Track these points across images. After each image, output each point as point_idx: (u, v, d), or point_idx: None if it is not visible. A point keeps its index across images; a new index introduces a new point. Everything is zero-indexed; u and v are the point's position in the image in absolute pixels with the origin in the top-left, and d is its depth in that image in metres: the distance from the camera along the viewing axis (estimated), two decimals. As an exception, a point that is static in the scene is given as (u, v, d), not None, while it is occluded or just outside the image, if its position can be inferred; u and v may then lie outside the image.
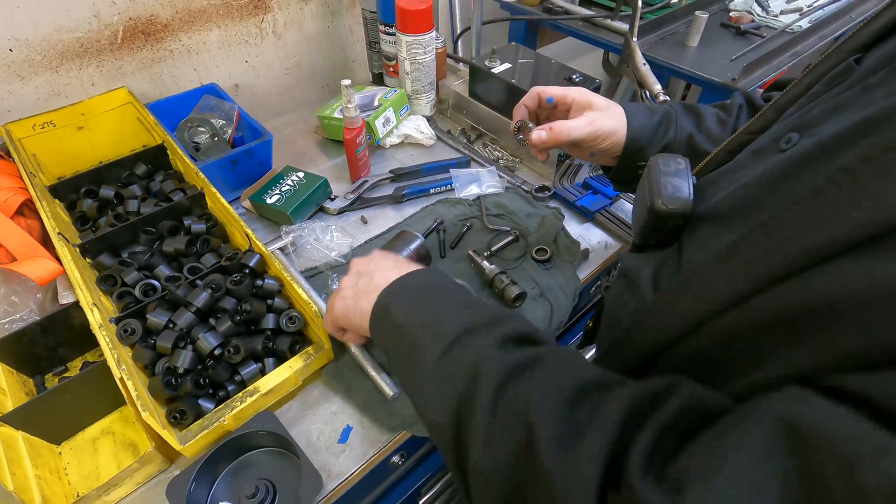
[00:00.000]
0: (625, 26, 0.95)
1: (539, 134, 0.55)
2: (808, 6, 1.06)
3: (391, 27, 0.91)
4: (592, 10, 1.07)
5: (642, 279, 0.41)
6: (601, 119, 0.55)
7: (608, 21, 1.02)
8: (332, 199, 0.80)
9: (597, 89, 0.84)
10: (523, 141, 0.59)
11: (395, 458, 0.59)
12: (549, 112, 0.61)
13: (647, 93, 0.86)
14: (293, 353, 0.56)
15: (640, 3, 0.88)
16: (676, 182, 0.39)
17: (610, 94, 1.43)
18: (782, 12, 1.04)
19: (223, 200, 0.66)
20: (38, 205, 0.64)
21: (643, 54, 0.90)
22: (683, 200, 0.38)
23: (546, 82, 0.84)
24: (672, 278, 0.38)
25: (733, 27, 1.03)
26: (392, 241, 0.68)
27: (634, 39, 0.89)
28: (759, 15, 1.04)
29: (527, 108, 0.60)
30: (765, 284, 0.26)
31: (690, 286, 0.32)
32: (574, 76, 0.84)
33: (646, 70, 0.86)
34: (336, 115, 0.89)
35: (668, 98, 0.82)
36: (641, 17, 1.02)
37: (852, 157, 0.24)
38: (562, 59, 1.50)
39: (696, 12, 0.97)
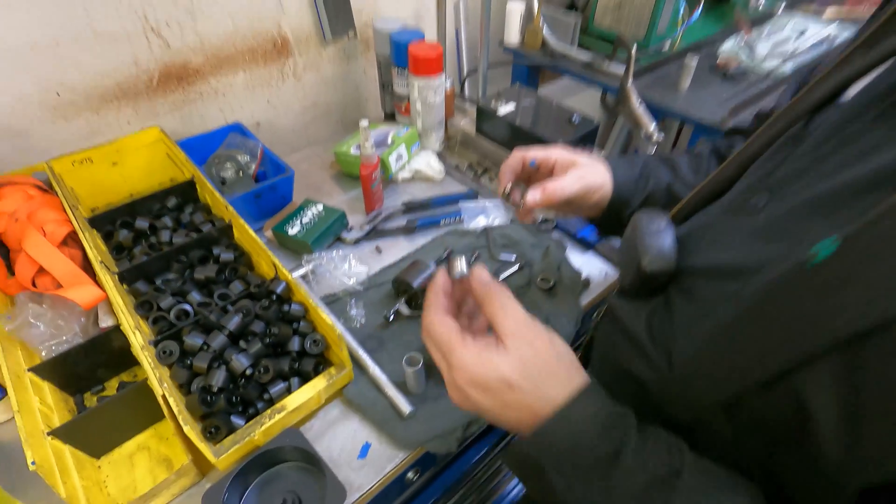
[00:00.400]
0: (621, 70, 1.03)
1: (534, 195, 0.54)
2: (792, 52, 1.14)
3: (404, 70, 0.98)
4: (590, 54, 1.15)
5: (636, 329, 0.43)
6: (588, 174, 0.56)
7: (605, 65, 1.10)
8: (349, 230, 0.86)
9: (595, 131, 0.91)
10: (516, 205, 0.57)
11: (410, 474, 0.63)
12: (531, 174, 0.60)
13: (643, 132, 0.92)
14: (316, 373, 0.61)
15: (634, 50, 0.95)
16: (660, 242, 0.41)
17: (607, 133, 1.51)
18: (767, 57, 1.12)
19: (251, 231, 0.72)
20: (80, 235, 0.69)
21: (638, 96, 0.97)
22: (668, 261, 0.40)
23: (547, 122, 0.91)
24: (666, 329, 0.40)
25: (721, 71, 1.11)
26: (406, 269, 0.73)
27: (630, 83, 0.97)
28: (745, 59, 1.12)
29: (512, 171, 0.59)
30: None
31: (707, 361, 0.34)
32: (573, 117, 0.91)
33: (641, 111, 0.93)
34: (352, 151, 0.95)
35: (662, 135, 0.88)
36: (637, 62, 1.09)
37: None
38: (562, 94, 1.58)
39: (688, 57, 1.04)
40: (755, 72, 1.11)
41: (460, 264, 0.42)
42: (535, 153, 0.58)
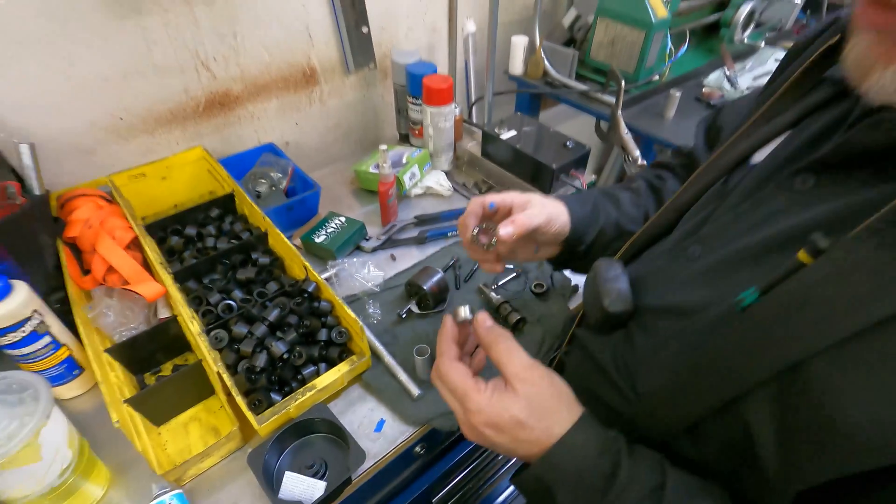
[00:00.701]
0: (612, 100, 1.14)
1: (507, 229, 0.55)
2: (771, 82, 1.24)
3: (417, 99, 1.10)
4: (587, 84, 1.27)
5: (604, 361, 0.49)
6: (546, 206, 0.60)
7: (599, 95, 1.22)
8: (367, 240, 0.98)
9: (586, 155, 1.03)
10: (485, 245, 0.58)
11: (418, 448, 0.74)
12: (490, 217, 0.62)
13: (630, 157, 1.03)
14: (340, 359, 0.72)
15: (623, 83, 1.07)
16: (618, 286, 0.48)
17: (605, 158, 1.62)
18: (748, 88, 1.22)
19: (285, 239, 0.84)
20: (142, 240, 0.82)
21: (627, 124, 1.08)
22: (626, 301, 0.47)
23: (545, 147, 1.02)
24: (629, 360, 0.47)
25: (705, 101, 1.22)
26: (418, 274, 0.84)
27: (619, 112, 1.08)
28: (727, 90, 1.23)
29: (475, 216, 0.61)
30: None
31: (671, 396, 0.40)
32: (567, 142, 1.02)
33: (628, 138, 1.04)
34: (371, 169, 1.07)
35: (645, 163, 0.99)
36: (627, 92, 1.21)
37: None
38: (560, 120, 1.70)
39: (671, 90, 1.16)
40: (737, 102, 1.22)
41: (464, 311, 0.49)
42: (493, 197, 0.61)
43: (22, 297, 0.62)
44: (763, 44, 1.37)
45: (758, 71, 1.28)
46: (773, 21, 1.46)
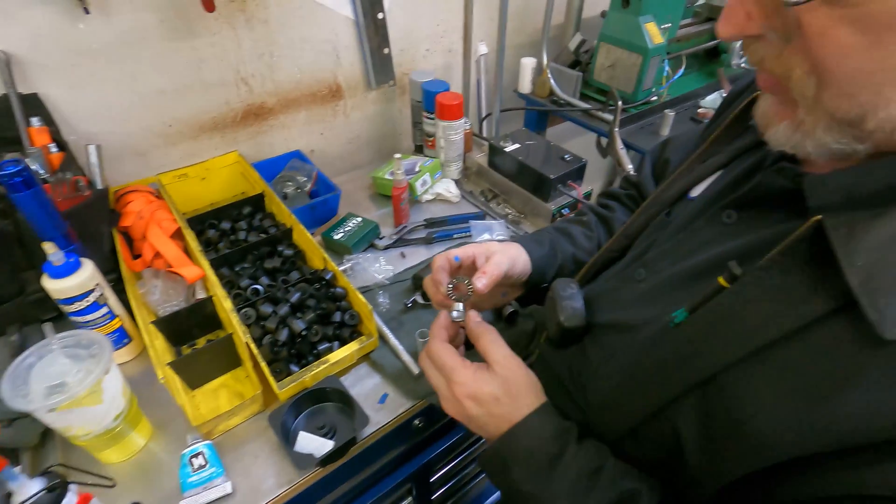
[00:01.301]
0: (611, 118, 1.23)
1: (482, 281, 0.58)
2: (766, 105, 1.32)
3: (431, 114, 1.21)
4: (589, 103, 1.36)
5: (561, 373, 0.55)
6: (507, 250, 0.65)
7: (600, 113, 1.31)
8: (381, 239, 1.08)
9: (583, 166, 1.12)
10: (459, 298, 0.57)
11: (417, 422, 0.83)
12: (457, 270, 0.65)
13: (623, 171, 1.12)
14: (351, 339, 0.82)
15: (620, 102, 1.16)
16: (573, 304, 0.53)
17: (614, 173, 1.70)
18: (742, 110, 1.30)
19: (308, 234, 0.95)
20: (184, 231, 0.94)
21: (623, 140, 1.18)
22: (580, 318, 0.52)
23: (545, 160, 1.12)
24: (583, 372, 0.52)
25: (699, 120, 1.30)
26: (424, 269, 0.94)
27: (616, 129, 1.17)
28: (722, 111, 1.31)
29: (445, 270, 0.63)
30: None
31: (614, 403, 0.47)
32: (566, 156, 1.12)
33: (622, 153, 1.13)
34: (387, 176, 1.18)
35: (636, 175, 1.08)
36: (626, 111, 1.30)
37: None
38: (567, 136, 1.79)
39: (665, 111, 1.25)
40: (732, 122, 1.29)
41: (457, 308, 0.57)
42: (456, 252, 0.64)
43: (89, 272, 0.74)
44: (754, 69, 1.44)
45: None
46: (773, 47, 1.53)
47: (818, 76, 0.32)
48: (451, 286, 0.58)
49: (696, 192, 0.53)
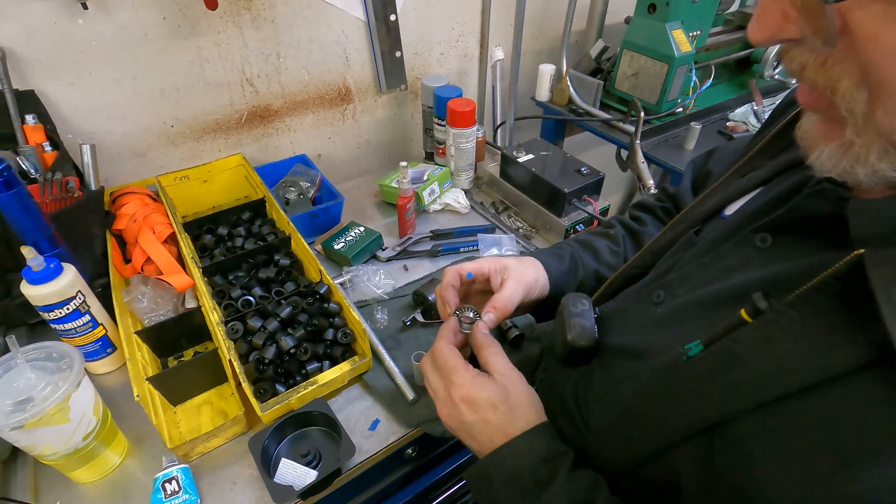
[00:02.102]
0: (632, 129, 1.17)
1: (490, 317, 0.56)
2: (801, 120, 1.23)
3: (442, 120, 1.16)
4: (609, 113, 1.29)
5: (565, 393, 0.51)
6: (523, 274, 0.59)
7: (620, 123, 1.24)
8: (383, 250, 1.03)
9: (601, 180, 1.05)
10: (468, 328, 0.56)
11: (409, 450, 0.77)
12: (468, 286, 0.62)
13: (644, 186, 1.05)
14: (343, 359, 0.77)
15: (642, 113, 1.09)
16: (583, 322, 0.49)
17: (634, 186, 1.62)
18: (775, 124, 1.22)
19: (305, 244, 0.90)
20: (179, 236, 0.90)
21: (645, 153, 1.11)
22: (589, 337, 0.49)
23: (560, 172, 1.06)
24: (588, 395, 0.48)
25: (728, 135, 1.22)
26: (425, 285, 0.89)
27: (637, 141, 1.10)
28: (753, 125, 1.23)
29: (453, 286, 0.60)
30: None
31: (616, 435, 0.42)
32: (583, 168, 1.05)
33: (643, 167, 1.06)
34: (393, 184, 1.13)
35: (657, 192, 1.01)
36: (649, 123, 1.23)
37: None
38: (584, 148, 1.72)
39: (692, 123, 1.17)
40: (763, 137, 1.21)
41: (468, 316, 0.56)
42: (469, 266, 0.61)
43: (69, 279, 0.70)
44: (794, 81, 1.36)
45: (787, 107, 1.27)
46: (809, 58, 1.44)
47: (870, 88, 0.27)
48: (457, 314, 0.58)
49: (731, 209, 0.47)
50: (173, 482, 0.64)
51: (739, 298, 0.37)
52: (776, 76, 1.35)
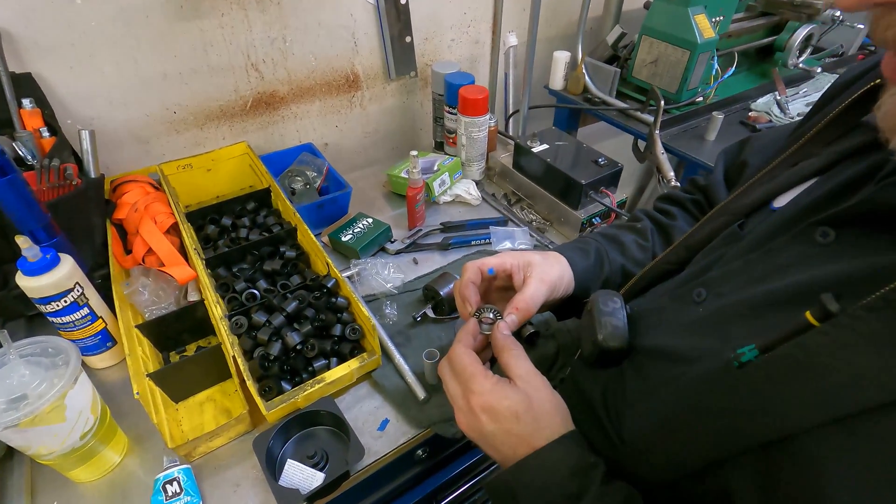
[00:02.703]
0: (651, 119, 1.12)
1: (512, 318, 0.52)
2: (826, 110, 1.18)
3: (454, 108, 1.12)
4: (626, 102, 1.25)
5: (593, 396, 0.48)
6: (547, 271, 0.56)
7: (638, 113, 1.20)
8: (392, 242, 1.00)
9: (619, 171, 1.01)
10: (488, 329, 0.53)
11: (420, 452, 0.74)
12: (489, 282, 0.59)
13: (664, 178, 1.01)
14: (352, 356, 0.74)
15: (662, 102, 1.05)
16: (615, 322, 0.46)
17: (649, 175, 1.58)
18: (799, 114, 1.17)
19: (311, 235, 0.87)
20: (181, 227, 0.87)
21: (664, 144, 1.06)
22: (621, 338, 0.45)
23: (577, 163, 1.01)
24: (619, 401, 0.45)
25: (750, 125, 1.18)
26: (436, 279, 0.85)
27: (657, 131, 1.06)
28: (776, 116, 1.18)
29: (474, 283, 0.56)
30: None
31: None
32: (600, 159, 1.01)
33: (663, 158, 1.02)
34: (402, 174, 1.10)
35: (678, 185, 0.97)
36: (668, 112, 1.18)
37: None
38: (599, 138, 1.68)
39: (714, 112, 1.13)
40: (787, 128, 1.16)
41: (489, 317, 0.52)
42: (490, 261, 0.57)
43: (67, 270, 0.67)
44: (820, 69, 1.31)
45: (812, 97, 1.22)
46: (833, 47, 1.39)
47: None
48: (476, 315, 0.54)
49: (780, 201, 0.43)
50: (174, 483, 0.61)
51: (799, 300, 0.33)
52: (800, 65, 1.30)
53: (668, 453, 0.38)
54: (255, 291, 0.81)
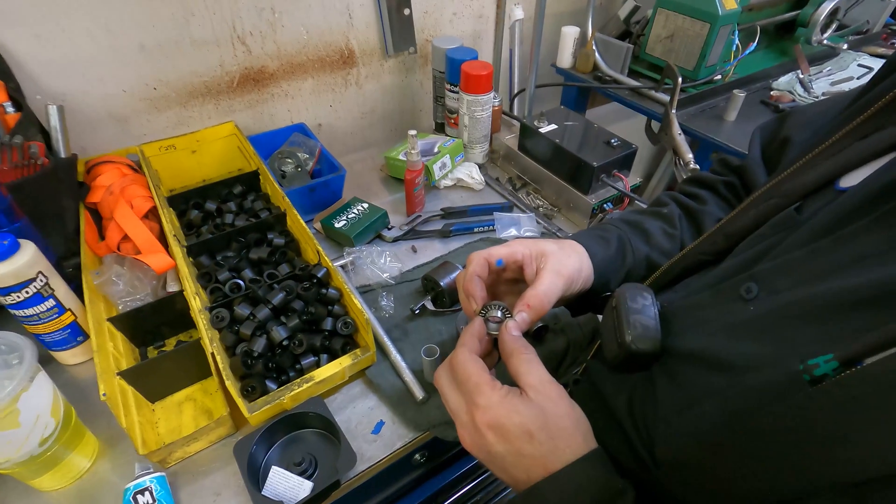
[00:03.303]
0: (666, 98, 1.05)
1: (523, 317, 0.45)
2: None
3: (456, 86, 1.05)
4: (639, 80, 1.17)
5: (616, 404, 0.43)
6: (563, 263, 0.50)
7: (652, 92, 1.12)
8: (389, 229, 0.93)
9: (633, 154, 0.94)
10: (495, 329, 0.46)
11: (417, 456, 0.68)
12: (497, 274, 0.53)
13: (681, 160, 0.94)
14: (344, 352, 0.68)
15: (679, 79, 0.97)
16: (645, 321, 0.40)
17: (658, 159, 1.51)
18: (824, 94, 1.10)
19: (301, 221, 0.80)
20: (160, 211, 0.80)
21: (681, 125, 0.99)
22: (653, 340, 0.40)
23: (587, 144, 0.94)
24: (648, 412, 0.39)
25: (772, 105, 1.10)
26: (436, 269, 0.79)
27: (673, 111, 0.99)
28: (800, 95, 1.11)
29: (480, 278, 0.49)
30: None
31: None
32: (613, 140, 0.94)
33: (680, 140, 0.95)
34: (400, 157, 1.03)
35: (697, 167, 0.90)
36: (684, 91, 1.11)
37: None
38: (609, 120, 1.60)
39: (734, 91, 1.05)
40: (811, 109, 1.09)
41: (496, 316, 0.46)
42: (499, 251, 0.50)
43: (27, 258, 0.60)
44: (845, 46, 1.23)
45: (837, 76, 1.15)
46: (859, 23, 1.31)
47: None
48: (483, 313, 0.47)
49: (849, 180, 0.36)
50: (146, 493, 0.55)
51: (888, 299, 0.27)
52: (825, 41, 1.22)
53: (716, 479, 0.32)
54: (240, 281, 0.75)
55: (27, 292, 0.62)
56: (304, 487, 0.57)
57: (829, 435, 0.26)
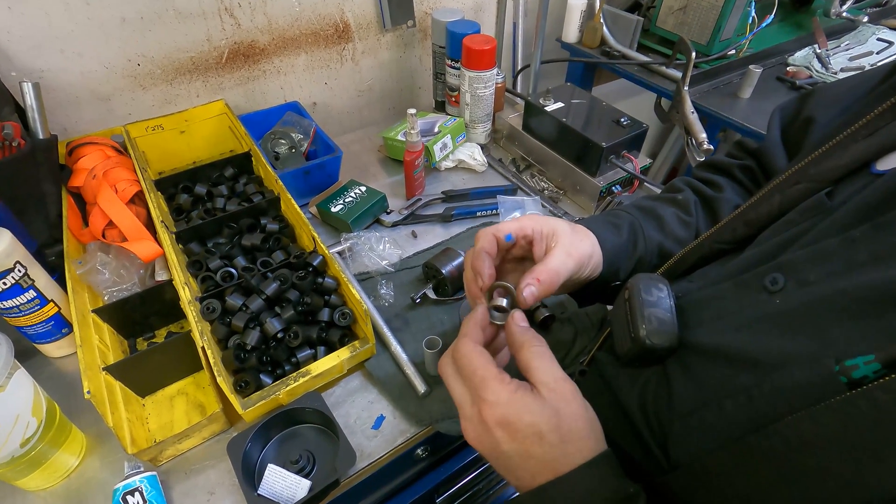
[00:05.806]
0: (678, 74, 1.00)
1: (531, 291, 0.43)
2: (872, 65, 1.06)
3: (457, 62, 1.00)
4: (649, 56, 1.12)
5: (627, 400, 0.41)
6: (576, 245, 0.47)
7: (663, 68, 1.07)
8: (388, 213, 0.89)
9: (643, 133, 0.90)
10: (500, 319, 0.43)
11: (419, 451, 0.66)
12: (504, 252, 0.50)
13: (693, 140, 0.90)
14: (342, 344, 0.65)
15: (693, 54, 0.92)
16: (661, 314, 0.38)
17: (662, 140, 1.46)
18: (842, 70, 1.05)
19: (296, 206, 0.76)
20: (147, 195, 0.76)
21: (693, 102, 0.94)
22: (670, 335, 0.37)
23: (595, 123, 0.90)
24: (662, 409, 0.37)
25: (789, 81, 1.05)
26: (438, 255, 0.75)
27: (685, 88, 0.94)
28: (817, 71, 1.06)
29: (488, 254, 0.47)
30: None
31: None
32: (622, 119, 0.90)
33: (693, 118, 0.90)
34: (399, 137, 0.98)
35: (711, 147, 0.86)
36: (697, 67, 1.06)
37: None
38: (616, 98, 1.55)
39: (750, 66, 1.00)
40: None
41: (502, 302, 0.43)
42: (508, 226, 0.48)
43: (3, 247, 0.57)
44: (865, 19, 1.17)
45: (856, 51, 1.10)
46: (880, -6, 1.25)
47: None
48: (488, 296, 0.45)
49: (887, 163, 0.34)
50: (136, 494, 0.53)
51: None
52: (844, 14, 1.16)
53: (739, 487, 0.29)
54: (232, 270, 0.71)
55: (4, 283, 0.58)
56: (302, 486, 0.54)
57: (873, 445, 0.23)
